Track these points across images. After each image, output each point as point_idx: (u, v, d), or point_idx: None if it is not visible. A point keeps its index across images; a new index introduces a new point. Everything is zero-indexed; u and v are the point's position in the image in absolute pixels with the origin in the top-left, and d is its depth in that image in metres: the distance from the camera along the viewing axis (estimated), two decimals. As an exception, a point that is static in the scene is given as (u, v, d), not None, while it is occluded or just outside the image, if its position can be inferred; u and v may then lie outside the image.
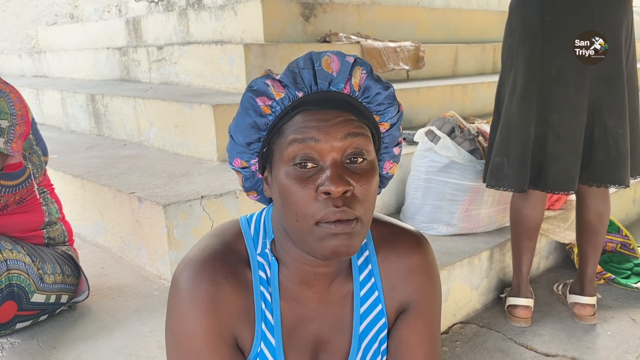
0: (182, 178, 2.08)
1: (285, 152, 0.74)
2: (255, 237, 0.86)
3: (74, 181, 2.20)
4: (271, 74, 0.78)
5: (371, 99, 0.79)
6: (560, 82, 1.73)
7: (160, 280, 1.82)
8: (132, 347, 1.44)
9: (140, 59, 3.55)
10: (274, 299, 0.84)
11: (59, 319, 1.58)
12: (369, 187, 0.75)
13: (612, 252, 2.50)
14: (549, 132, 1.77)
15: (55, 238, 1.61)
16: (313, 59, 0.77)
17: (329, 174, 0.72)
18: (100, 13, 5.31)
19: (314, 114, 0.74)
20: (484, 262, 2.05)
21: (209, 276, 0.79)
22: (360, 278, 0.88)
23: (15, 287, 1.38)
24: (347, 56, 0.77)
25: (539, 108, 1.77)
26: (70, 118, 3.36)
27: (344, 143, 0.73)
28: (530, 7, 1.76)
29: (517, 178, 1.81)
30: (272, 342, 0.84)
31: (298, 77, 0.76)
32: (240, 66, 2.81)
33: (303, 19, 3.43)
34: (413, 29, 4.13)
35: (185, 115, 2.46)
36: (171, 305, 0.81)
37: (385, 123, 0.82)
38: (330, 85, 0.76)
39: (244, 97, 0.78)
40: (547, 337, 1.88)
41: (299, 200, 0.73)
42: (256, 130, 0.78)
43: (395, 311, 0.90)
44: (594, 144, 1.78)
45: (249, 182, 0.86)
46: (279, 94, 0.76)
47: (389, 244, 0.90)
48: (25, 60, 4.95)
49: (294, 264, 0.83)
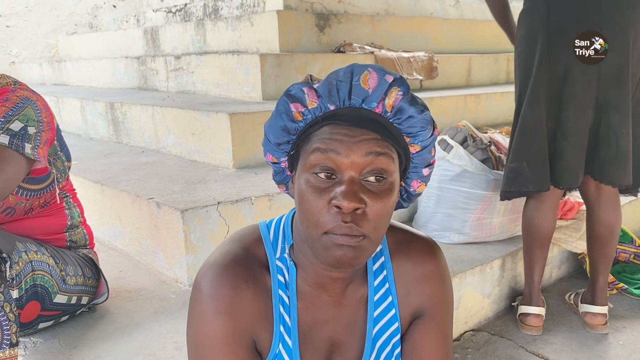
0: (199, 184, 2.13)
1: (308, 159, 0.76)
2: (275, 242, 0.89)
3: (94, 187, 2.26)
4: (310, 82, 0.80)
5: (403, 121, 0.79)
6: (568, 80, 1.75)
7: (177, 284, 1.86)
8: (150, 347, 1.47)
9: (158, 68, 3.62)
10: (291, 302, 0.87)
11: (80, 320, 1.62)
12: (383, 208, 0.76)
13: (626, 262, 2.50)
14: (558, 130, 1.80)
15: (77, 241, 1.66)
16: (353, 72, 0.77)
17: (344, 189, 0.73)
18: (118, 23, 5.42)
19: (341, 128, 0.76)
20: (495, 271, 2.07)
21: (230, 280, 0.82)
22: (375, 283, 0.91)
23: (39, 287, 1.43)
24: (387, 74, 0.77)
25: (548, 107, 1.79)
26: (90, 125, 3.43)
27: (364, 161, 0.74)
28: (536, 12, 1.79)
29: (539, 178, 1.82)
30: (289, 343, 0.86)
31: (334, 89, 0.77)
32: (256, 76, 2.87)
33: (318, 29, 3.48)
34: (427, 39, 4.16)
35: (202, 123, 2.51)
36: (193, 308, 0.84)
37: (416, 145, 0.82)
38: (363, 102, 0.77)
39: (280, 100, 0.80)
40: (559, 346, 1.88)
41: (312, 208, 0.75)
42: (286, 133, 0.81)
43: (410, 317, 0.92)
44: (598, 141, 1.80)
45: (279, 176, 0.89)
46: (312, 104, 0.78)
47: (404, 250, 0.92)
48: (46, 68, 5.06)
49: (311, 267, 0.85)
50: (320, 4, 3.78)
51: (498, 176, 2.12)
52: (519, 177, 1.85)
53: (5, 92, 1.42)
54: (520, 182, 1.85)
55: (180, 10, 4.56)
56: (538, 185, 1.83)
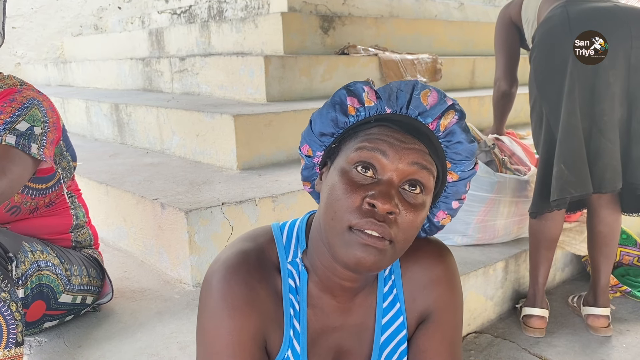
0: (203, 185, 2.14)
1: (351, 154, 0.76)
2: (287, 246, 0.88)
3: (99, 187, 2.27)
4: (371, 83, 0.80)
5: (451, 144, 0.79)
6: (599, 72, 1.69)
7: (181, 284, 1.87)
8: (154, 347, 1.48)
9: (163, 69, 3.64)
10: (301, 307, 0.86)
11: (84, 320, 1.63)
12: (414, 219, 0.75)
13: (629, 265, 2.49)
14: (593, 126, 1.71)
15: (82, 241, 1.67)
16: (415, 86, 0.78)
17: (382, 189, 0.73)
18: (123, 24, 5.44)
19: (393, 132, 0.76)
20: (499, 273, 2.07)
21: (244, 279, 0.81)
22: (384, 290, 0.90)
23: (45, 287, 1.44)
24: (447, 97, 0.79)
25: (581, 103, 1.71)
26: (95, 126, 3.45)
27: (408, 169, 0.74)
28: (553, 15, 1.76)
29: (581, 179, 1.71)
30: (297, 349, 0.85)
31: (394, 95, 0.78)
32: (260, 77, 2.88)
33: (322, 31, 3.49)
34: (431, 41, 4.17)
35: (206, 125, 2.52)
36: (204, 306, 0.82)
37: (455, 174, 0.82)
38: (419, 115, 0.78)
39: (338, 91, 0.80)
40: (562, 348, 1.88)
41: (343, 200, 0.74)
42: (334, 125, 0.80)
43: (416, 322, 0.91)
44: (631, 139, 1.72)
45: (307, 171, 0.88)
46: (370, 102, 0.78)
47: (412, 255, 0.90)
48: (51, 69, 5.08)
49: (324, 272, 0.84)
50: (324, 6, 3.79)
51: (502, 179, 2.12)
52: (560, 181, 1.72)
53: (12, 92, 1.43)
54: (561, 188, 1.72)
55: (185, 12, 4.58)
56: (582, 187, 1.71)
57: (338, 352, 0.90)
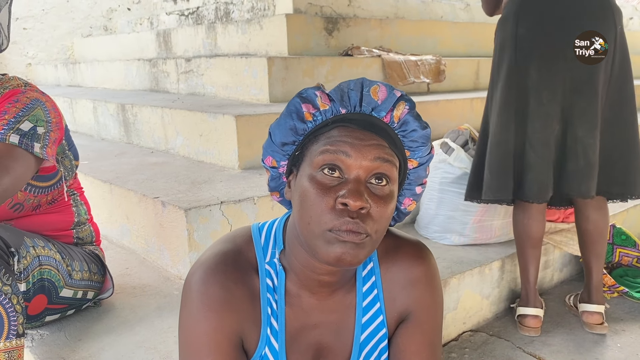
0: (204, 184, 2.18)
1: (315, 159, 0.79)
2: (265, 246, 0.90)
3: (103, 186, 2.32)
4: (322, 87, 0.84)
5: (407, 133, 0.83)
6: (534, 92, 1.78)
7: (180, 281, 1.91)
8: (152, 341, 1.52)
9: (169, 70, 3.69)
10: (279, 306, 0.88)
11: (85, 314, 1.68)
12: (385, 210, 0.78)
13: (628, 266, 2.50)
14: (526, 142, 1.83)
15: (83, 238, 1.71)
16: (364, 84, 0.82)
17: (351, 188, 0.76)
18: (132, 26, 5.51)
19: (351, 131, 0.79)
20: (495, 272, 2.09)
21: (220, 280, 0.84)
22: (363, 289, 0.92)
23: (46, 281, 1.48)
24: (395, 90, 0.83)
25: (517, 119, 1.83)
26: (102, 126, 3.51)
27: (372, 164, 0.77)
28: (506, 23, 1.84)
29: (499, 189, 1.88)
30: (275, 346, 0.88)
31: (345, 95, 0.81)
32: (263, 78, 2.91)
33: (326, 33, 3.53)
34: (435, 42, 4.18)
35: (209, 125, 2.56)
36: (183, 306, 0.86)
37: (414, 160, 0.86)
38: (372, 110, 0.82)
39: (291, 101, 0.84)
40: (556, 347, 1.90)
41: (316, 205, 0.77)
42: (294, 133, 0.83)
43: (395, 321, 0.93)
44: (566, 154, 1.83)
45: (274, 182, 0.91)
46: (324, 106, 0.82)
47: (392, 256, 0.93)
48: (61, 70, 5.16)
49: (302, 270, 0.86)
50: (329, 8, 3.82)
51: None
52: (485, 185, 1.92)
53: (16, 93, 1.48)
54: (484, 191, 1.92)
55: (192, 13, 4.64)
56: (499, 194, 1.89)
57: (318, 349, 0.92)
